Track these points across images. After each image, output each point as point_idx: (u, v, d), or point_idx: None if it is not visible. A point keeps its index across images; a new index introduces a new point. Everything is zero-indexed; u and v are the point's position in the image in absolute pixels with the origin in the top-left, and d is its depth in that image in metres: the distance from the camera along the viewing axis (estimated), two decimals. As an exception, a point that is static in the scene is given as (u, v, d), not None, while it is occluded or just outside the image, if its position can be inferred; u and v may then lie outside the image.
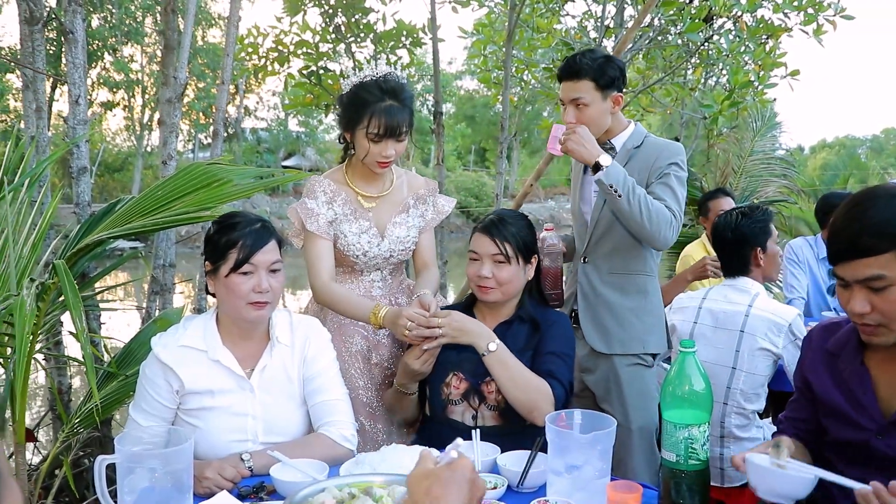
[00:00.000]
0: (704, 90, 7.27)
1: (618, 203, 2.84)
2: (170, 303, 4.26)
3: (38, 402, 6.20)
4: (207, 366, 2.30)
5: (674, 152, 3.05)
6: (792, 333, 3.12)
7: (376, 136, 2.71)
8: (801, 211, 8.77)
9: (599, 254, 3.16)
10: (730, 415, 3.17)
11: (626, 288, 3.12)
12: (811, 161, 42.50)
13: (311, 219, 2.81)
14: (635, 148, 3.08)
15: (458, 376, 2.58)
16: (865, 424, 1.90)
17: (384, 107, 2.70)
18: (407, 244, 2.94)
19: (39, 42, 4.12)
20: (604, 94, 3.01)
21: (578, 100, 2.99)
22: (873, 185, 1.89)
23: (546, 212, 28.27)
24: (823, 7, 5.80)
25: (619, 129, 3.12)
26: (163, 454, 1.87)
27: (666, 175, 2.99)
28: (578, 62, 3.00)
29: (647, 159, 3.04)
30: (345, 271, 2.94)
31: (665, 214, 2.88)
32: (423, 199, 3.02)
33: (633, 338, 3.10)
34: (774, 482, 1.74)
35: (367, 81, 2.77)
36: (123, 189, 27.43)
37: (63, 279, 2.48)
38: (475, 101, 40.35)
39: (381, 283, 2.96)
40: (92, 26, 25.16)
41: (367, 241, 2.85)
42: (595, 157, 2.83)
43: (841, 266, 1.79)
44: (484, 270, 2.60)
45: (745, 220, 3.31)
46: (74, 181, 3.85)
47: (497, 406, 2.53)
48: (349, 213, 2.85)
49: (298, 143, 34.93)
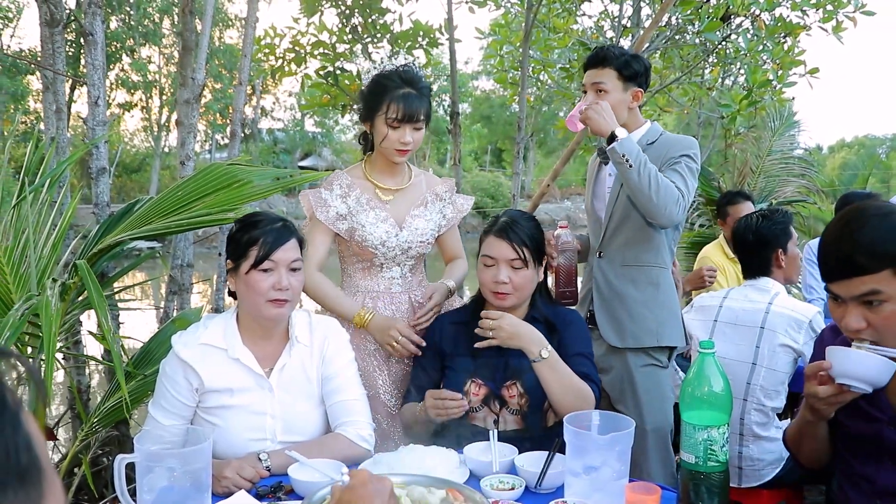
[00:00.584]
0: (722, 90, 7.24)
1: (628, 175, 2.86)
2: (187, 303, 4.28)
3: (56, 401, 6.24)
4: (227, 364, 2.31)
5: (686, 145, 3.09)
6: (812, 330, 3.12)
7: (395, 120, 2.77)
8: (820, 211, 8.70)
9: (613, 247, 3.19)
10: (749, 412, 3.17)
11: (638, 280, 3.14)
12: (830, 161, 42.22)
13: (321, 208, 2.87)
14: (650, 144, 3.11)
15: (476, 383, 2.55)
16: (877, 415, 1.90)
17: (402, 93, 2.77)
18: (426, 237, 2.94)
19: (59, 44, 4.15)
20: (625, 85, 3.08)
21: (599, 85, 3.06)
22: (861, 203, 1.88)
23: (562, 212, 28.24)
24: (843, 3, 5.75)
25: (634, 126, 3.15)
26: (181, 453, 1.87)
27: (677, 163, 3.02)
28: (605, 51, 3.10)
29: (660, 152, 3.07)
30: (364, 267, 2.95)
31: (672, 191, 2.90)
32: (442, 197, 3.04)
33: (645, 331, 3.11)
34: (854, 363, 1.75)
35: (386, 71, 2.85)
36: (141, 189, 27.56)
37: (86, 279, 2.50)
38: (491, 101, 40.28)
39: (401, 279, 2.96)
40: (110, 28, 25.31)
41: (385, 231, 2.86)
42: (612, 129, 2.89)
43: (835, 284, 1.78)
44: (501, 275, 2.53)
45: (766, 222, 3.34)
46: (94, 182, 3.87)
47: (519, 410, 2.51)
48: (365, 204, 2.88)
49: (315, 143, 34.99)
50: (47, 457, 0.63)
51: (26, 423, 0.62)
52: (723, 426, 1.80)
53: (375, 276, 2.95)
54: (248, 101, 25.11)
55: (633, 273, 3.15)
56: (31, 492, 0.60)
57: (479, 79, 42.00)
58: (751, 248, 3.35)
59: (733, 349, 3.22)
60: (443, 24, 5.59)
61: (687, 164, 3.03)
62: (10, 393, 0.62)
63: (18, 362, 0.65)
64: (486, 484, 2.05)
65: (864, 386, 1.75)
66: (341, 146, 34.96)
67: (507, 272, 2.54)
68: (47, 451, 0.63)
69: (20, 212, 3.09)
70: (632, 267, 3.15)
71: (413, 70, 2.86)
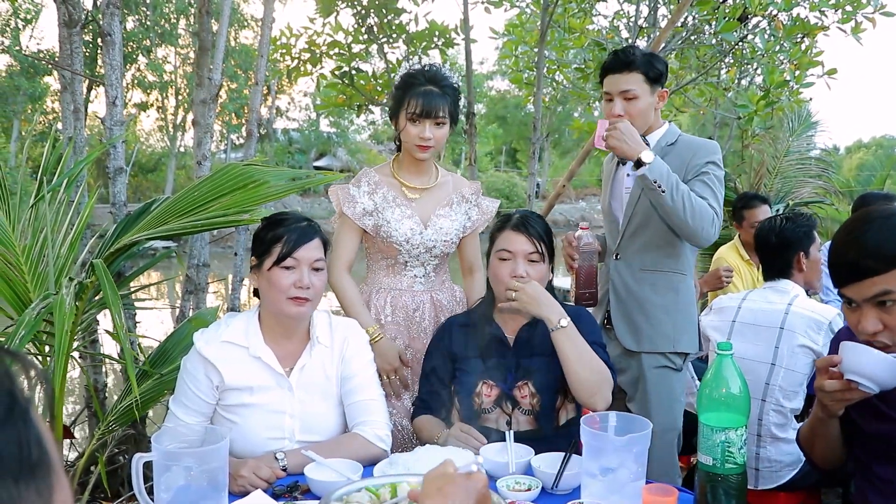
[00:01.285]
0: (738, 90, 7.20)
1: (661, 199, 2.81)
2: (203, 302, 4.29)
3: (72, 400, 6.28)
4: (248, 362, 2.32)
5: (710, 150, 3.03)
6: (832, 331, 3.09)
7: (414, 115, 2.83)
8: (838, 212, 8.63)
9: (632, 250, 3.14)
10: (768, 412, 3.15)
11: (658, 285, 3.10)
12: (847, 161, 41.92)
13: (349, 204, 2.92)
14: (669, 145, 3.06)
15: (487, 384, 2.54)
16: (893, 415, 1.89)
17: (423, 90, 2.83)
18: (450, 236, 2.97)
19: (77, 44, 4.17)
20: (652, 87, 3.01)
21: (628, 92, 2.98)
22: (868, 208, 1.90)
23: (577, 212, 28.23)
24: (862, 4, 5.70)
25: (655, 127, 3.11)
26: (199, 452, 1.88)
27: (704, 173, 2.96)
28: (629, 54, 2.99)
29: (682, 156, 3.01)
30: (388, 264, 2.98)
31: (707, 211, 2.85)
32: (468, 199, 3.08)
33: (662, 335, 3.08)
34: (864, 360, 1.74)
35: (412, 71, 2.95)
36: (156, 189, 27.72)
37: (102, 278, 2.51)
38: (506, 101, 40.25)
39: (424, 278, 2.99)
40: (127, 28, 25.46)
41: (410, 228, 2.90)
42: (637, 153, 2.78)
43: (847, 288, 1.79)
44: (519, 269, 2.50)
45: (790, 224, 3.33)
46: (111, 181, 3.89)
47: (532, 410, 2.50)
48: (391, 200, 2.92)
49: (330, 143, 35.06)
50: (56, 454, 0.64)
51: (36, 419, 0.62)
52: (740, 428, 1.79)
53: (399, 273, 2.98)
54: (264, 101, 25.19)
55: (652, 278, 3.11)
56: (42, 487, 0.61)
57: (494, 79, 42.00)
58: (772, 249, 3.34)
59: (752, 349, 3.20)
60: (458, 24, 5.59)
61: (715, 173, 2.98)
62: (18, 389, 0.62)
63: (25, 364, 0.65)
64: (503, 485, 2.04)
65: (872, 385, 1.74)
66: (356, 146, 35.03)
67: (525, 266, 2.51)
68: (56, 448, 0.64)
69: (38, 211, 3.11)
70: (651, 272, 3.11)
71: (438, 69, 2.93)
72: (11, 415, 0.60)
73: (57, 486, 0.63)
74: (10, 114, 24.09)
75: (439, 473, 1.45)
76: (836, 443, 2.04)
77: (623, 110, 2.97)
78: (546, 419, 2.49)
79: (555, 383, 2.49)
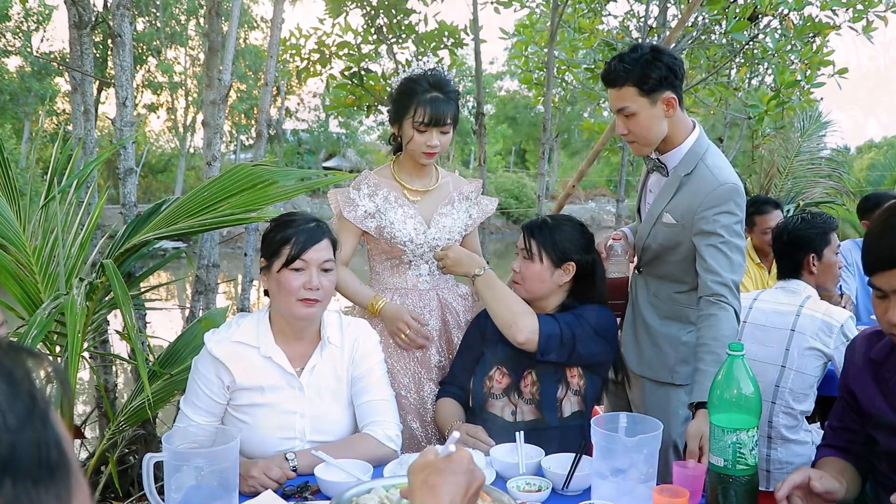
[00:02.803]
0: (749, 90, 7.17)
1: None
2: (213, 303, 4.30)
3: (83, 399, 6.31)
4: (259, 362, 2.32)
5: (722, 198, 2.59)
6: (843, 335, 3.07)
7: (422, 124, 2.80)
8: (849, 213, 8.61)
9: (649, 274, 2.92)
10: (778, 414, 3.13)
11: (668, 315, 2.88)
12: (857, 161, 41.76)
13: (349, 207, 2.92)
14: (686, 175, 2.69)
15: (501, 370, 2.62)
16: None
17: (430, 97, 2.80)
18: (453, 234, 2.97)
19: (88, 46, 4.18)
20: (650, 98, 2.60)
21: (624, 109, 2.64)
22: None
23: (586, 213, 28.08)
24: (874, 3, 5.66)
25: (682, 136, 2.71)
26: (209, 453, 1.88)
27: (713, 234, 2.58)
28: (615, 68, 2.62)
29: (692, 197, 2.66)
30: (392, 264, 2.98)
31: (732, 325, 2.50)
32: (468, 197, 3.08)
33: (662, 365, 2.88)
34: None
35: (414, 75, 2.90)
36: (166, 190, 27.79)
37: (112, 278, 2.52)
38: (516, 102, 40.19)
39: (429, 276, 2.99)
40: (137, 29, 25.55)
41: (413, 228, 2.90)
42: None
43: (877, 276, 1.75)
44: (514, 264, 2.72)
45: (804, 223, 3.32)
46: (121, 182, 3.90)
47: (532, 399, 2.57)
48: (393, 202, 2.92)
49: (339, 144, 35.08)
50: (75, 456, 0.63)
51: (55, 421, 0.62)
52: (752, 429, 1.78)
53: (403, 273, 2.98)
54: (273, 101, 25.24)
55: (663, 307, 2.88)
56: (61, 489, 0.61)
57: (504, 79, 41.96)
58: (783, 248, 3.33)
59: (762, 351, 3.19)
60: (468, 24, 5.58)
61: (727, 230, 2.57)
62: (38, 391, 0.62)
63: (45, 362, 0.65)
64: (513, 485, 2.04)
65: None
66: (366, 147, 35.04)
67: (518, 262, 2.70)
68: (74, 450, 0.63)
69: (48, 212, 3.13)
70: (663, 301, 2.88)
71: (441, 74, 2.89)
72: (31, 417, 0.60)
73: (76, 489, 0.62)
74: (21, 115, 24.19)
75: (421, 464, 1.44)
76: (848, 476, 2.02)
77: (625, 129, 2.70)
78: (549, 409, 2.53)
79: (554, 372, 2.57)
